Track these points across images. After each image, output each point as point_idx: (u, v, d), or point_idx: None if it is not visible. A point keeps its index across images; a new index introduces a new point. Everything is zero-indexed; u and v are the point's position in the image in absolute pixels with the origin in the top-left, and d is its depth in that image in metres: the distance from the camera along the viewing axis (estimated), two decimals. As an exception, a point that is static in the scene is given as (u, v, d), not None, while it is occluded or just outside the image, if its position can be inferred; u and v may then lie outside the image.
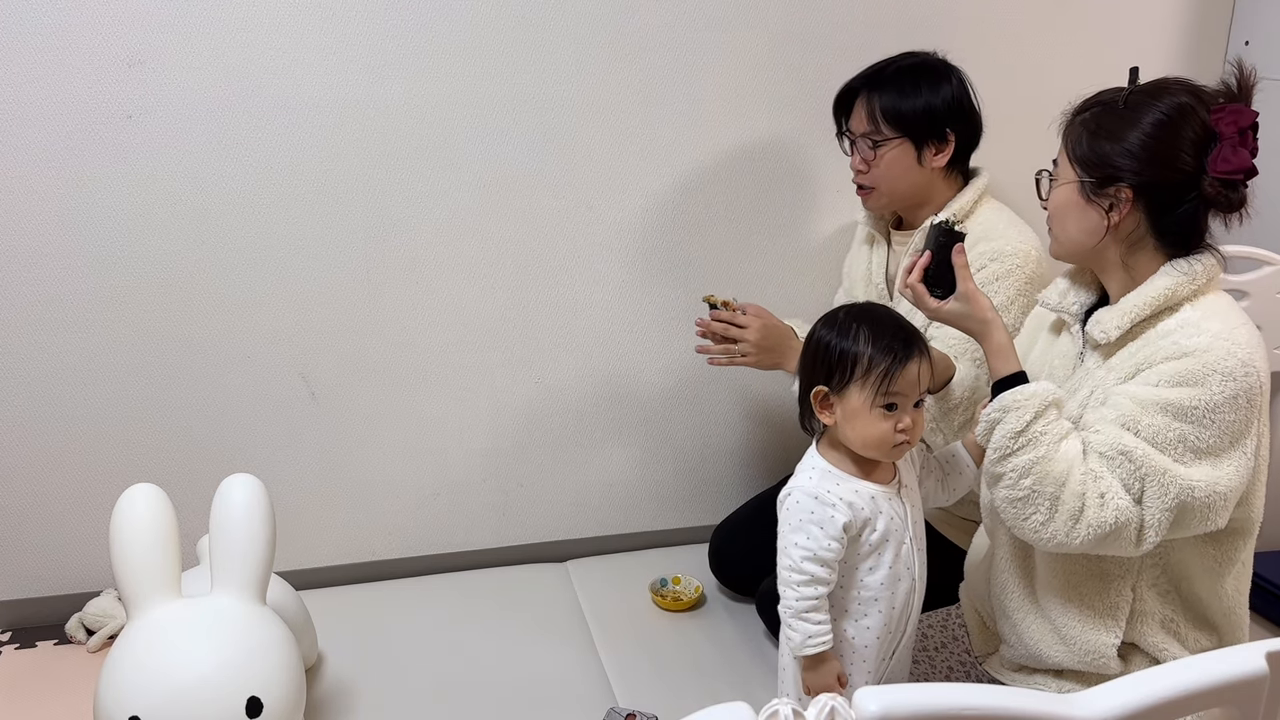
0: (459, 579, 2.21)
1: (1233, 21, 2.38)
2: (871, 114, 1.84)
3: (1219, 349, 1.36)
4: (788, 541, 1.44)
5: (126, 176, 1.91)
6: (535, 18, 2.01)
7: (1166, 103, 1.41)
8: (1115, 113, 1.44)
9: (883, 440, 1.41)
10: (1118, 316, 1.44)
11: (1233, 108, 1.39)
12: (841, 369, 1.41)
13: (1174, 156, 1.40)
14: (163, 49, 1.87)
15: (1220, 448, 1.37)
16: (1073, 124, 1.49)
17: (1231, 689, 0.96)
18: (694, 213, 2.20)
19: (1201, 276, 1.42)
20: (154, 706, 1.39)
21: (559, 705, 1.81)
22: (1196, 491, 1.36)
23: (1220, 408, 1.35)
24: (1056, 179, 1.51)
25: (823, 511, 1.42)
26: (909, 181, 1.86)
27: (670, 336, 2.26)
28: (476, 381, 2.19)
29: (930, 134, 1.83)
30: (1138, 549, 1.40)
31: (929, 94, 1.82)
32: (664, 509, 2.38)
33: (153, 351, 2.01)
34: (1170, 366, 1.38)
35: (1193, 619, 1.51)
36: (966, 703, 0.89)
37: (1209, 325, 1.38)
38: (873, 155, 1.85)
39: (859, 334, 1.41)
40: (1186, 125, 1.40)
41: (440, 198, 2.06)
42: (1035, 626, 1.55)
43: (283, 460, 2.12)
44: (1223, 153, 1.39)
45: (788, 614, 1.44)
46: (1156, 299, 1.41)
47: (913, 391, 1.41)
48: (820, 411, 1.45)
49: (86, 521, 2.04)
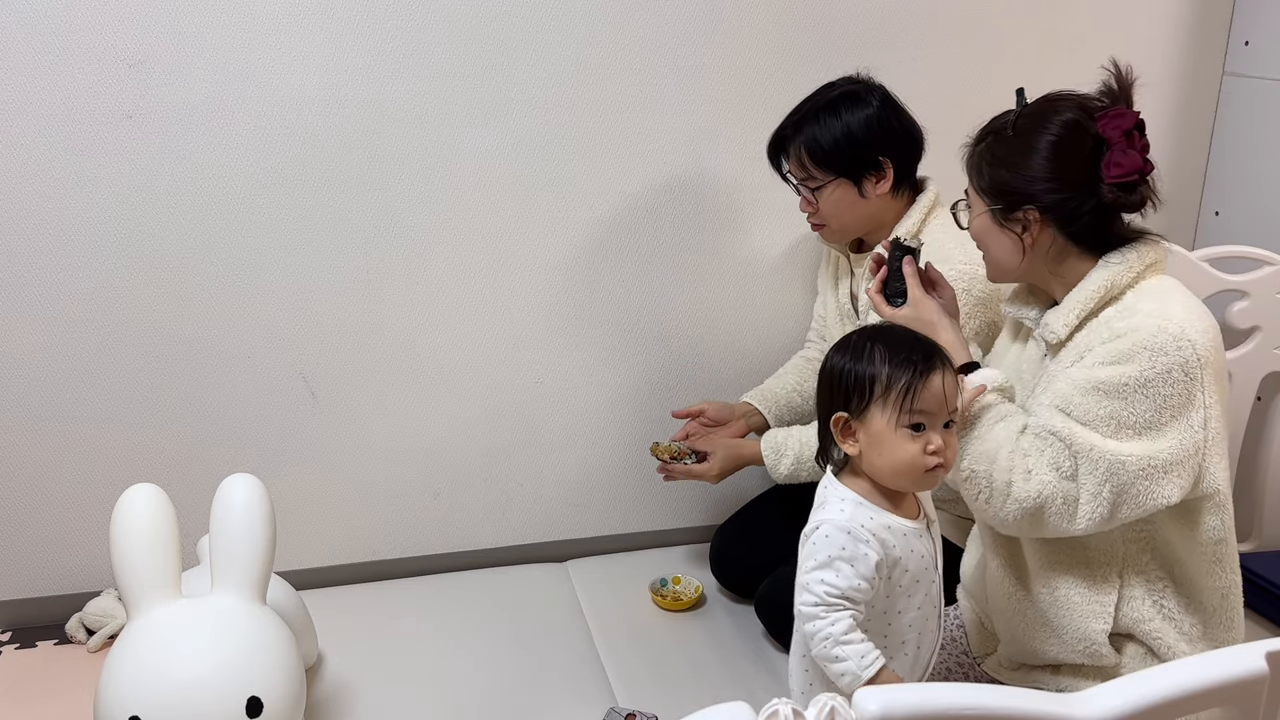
0: (459, 579, 2.21)
1: (1233, 21, 2.38)
2: (800, 160, 1.86)
3: (1148, 326, 1.40)
4: (811, 578, 1.29)
5: (126, 176, 1.91)
6: (535, 18, 2.01)
7: (1055, 123, 1.46)
8: (1007, 140, 1.49)
9: (913, 464, 1.30)
10: (1064, 315, 1.49)
11: (1115, 112, 1.44)
12: (860, 391, 1.32)
13: (1071, 173, 1.45)
14: (163, 49, 1.87)
15: (1157, 422, 1.40)
16: (972, 155, 1.55)
17: (1231, 689, 0.96)
18: (694, 213, 2.20)
19: (1138, 264, 1.46)
20: (154, 706, 1.39)
21: (559, 705, 1.81)
22: (1129, 466, 1.40)
23: (1152, 383, 1.39)
24: (971, 209, 1.57)
25: (855, 548, 1.29)
26: (856, 214, 1.88)
27: (670, 336, 2.26)
28: (476, 381, 2.19)
29: (864, 166, 1.84)
30: (1072, 525, 1.44)
31: (853, 128, 1.82)
32: (664, 509, 2.38)
33: (153, 351, 2.01)
34: (1103, 348, 1.43)
35: (1185, 604, 1.53)
36: (966, 703, 0.89)
37: (1142, 306, 1.43)
38: (813, 198, 1.87)
39: (874, 352, 1.33)
40: (1078, 141, 1.45)
41: (440, 198, 2.06)
42: (1028, 620, 1.58)
43: (283, 460, 2.12)
44: (1113, 158, 1.43)
45: (828, 645, 1.28)
46: (1097, 292, 1.46)
47: (939, 408, 1.31)
48: (843, 440, 1.34)
49: (86, 521, 2.04)
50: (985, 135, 1.54)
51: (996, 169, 1.50)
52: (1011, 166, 1.48)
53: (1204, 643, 1.53)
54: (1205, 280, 2.04)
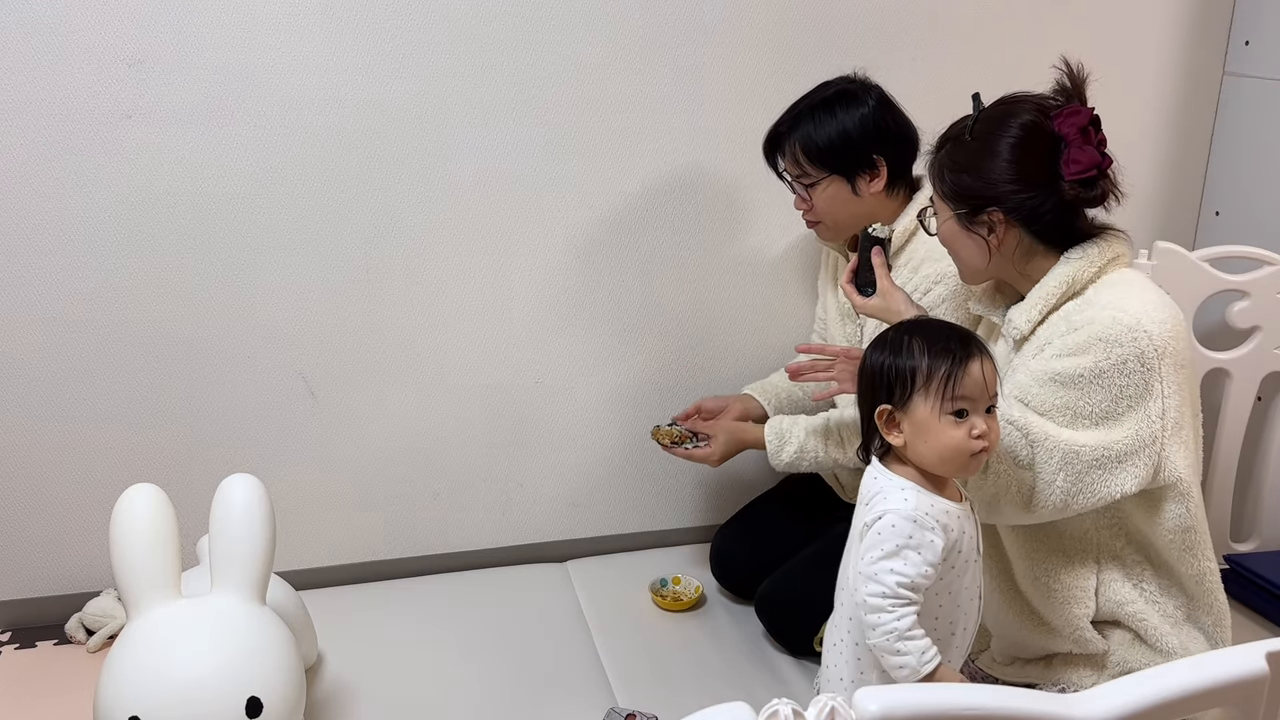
0: (459, 579, 2.21)
1: (1233, 21, 2.38)
2: (795, 157, 1.87)
3: (1103, 318, 1.43)
4: (879, 568, 1.31)
5: (126, 176, 1.91)
6: (535, 18, 2.01)
7: (1013, 125, 1.48)
8: (966, 145, 1.52)
9: (959, 449, 1.33)
10: (1027, 311, 1.52)
11: (1069, 109, 1.46)
12: (902, 383, 1.35)
13: (1031, 173, 1.47)
14: (163, 49, 1.87)
15: (1114, 412, 1.43)
16: (934, 162, 1.57)
17: (1231, 689, 0.96)
18: (694, 213, 2.20)
19: (1099, 258, 1.49)
20: (154, 706, 1.39)
21: (559, 705, 1.81)
22: (1083, 455, 1.43)
23: (1107, 373, 1.42)
24: (938, 215, 1.59)
25: (921, 536, 1.31)
26: (850, 212, 1.88)
27: (670, 337, 2.26)
28: (476, 381, 2.19)
29: (858, 165, 1.84)
30: (1028, 513, 1.47)
31: (847, 127, 1.82)
32: (664, 509, 2.38)
33: (152, 351, 2.01)
34: (1061, 340, 1.46)
35: (1166, 585, 1.55)
36: (966, 703, 0.89)
37: (1100, 298, 1.46)
38: (808, 195, 1.88)
39: (912, 345, 1.36)
40: (1036, 141, 1.47)
41: (440, 197, 2.06)
42: (1015, 611, 1.60)
43: (283, 460, 2.12)
44: (1071, 155, 1.45)
45: (892, 639, 1.30)
46: (1058, 287, 1.49)
47: (980, 394, 1.34)
48: (888, 432, 1.37)
49: (86, 521, 2.04)
50: (944, 142, 1.56)
51: (958, 174, 1.52)
52: (973, 171, 1.50)
53: (1189, 625, 1.55)
54: (1205, 280, 2.04)
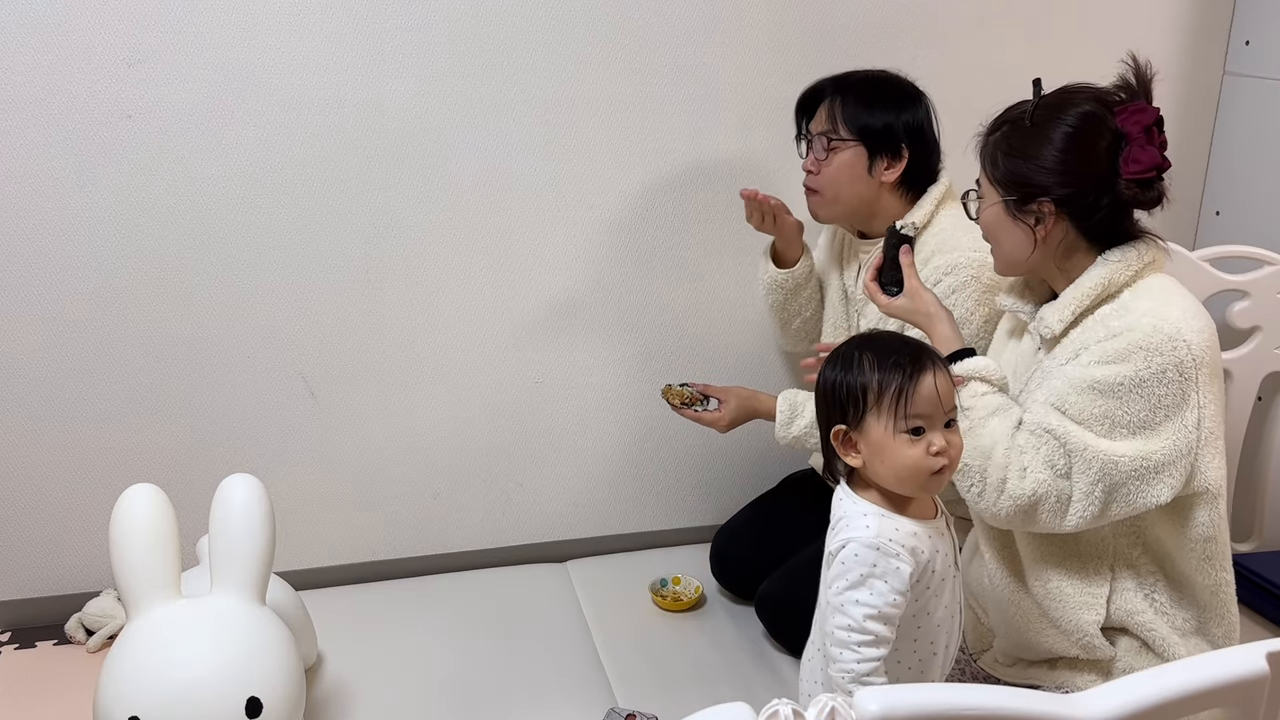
0: (459, 579, 2.21)
1: (1233, 21, 2.38)
2: (833, 114, 1.84)
3: (1144, 326, 1.40)
4: (845, 599, 1.27)
5: (126, 176, 1.91)
6: (535, 18, 2.01)
7: (1073, 115, 1.44)
8: (1024, 130, 1.47)
9: (917, 469, 1.28)
10: (1059, 310, 1.49)
11: (1135, 107, 1.43)
12: (854, 401, 1.30)
13: (1088, 166, 1.44)
14: (163, 49, 1.87)
15: (1151, 422, 1.41)
16: (986, 144, 1.53)
17: (1231, 689, 0.96)
18: (694, 213, 2.20)
19: (1136, 262, 1.46)
20: (154, 706, 1.39)
21: (559, 705, 1.81)
22: (1122, 465, 1.41)
23: (1147, 382, 1.39)
24: (982, 199, 1.55)
25: (886, 564, 1.27)
26: (855, 190, 1.85)
27: (670, 336, 2.26)
28: (476, 381, 2.19)
29: (885, 146, 1.83)
30: (1063, 523, 1.45)
31: (894, 108, 1.83)
32: (664, 509, 2.38)
33: (152, 351, 2.01)
34: (1099, 347, 1.43)
35: (1178, 598, 1.54)
36: (966, 703, 0.89)
37: (1138, 305, 1.43)
38: (824, 155, 1.84)
39: (862, 361, 1.31)
40: (1096, 134, 1.44)
41: (440, 197, 2.06)
42: (1023, 612, 1.59)
43: (283, 460, 2.12)
44: (1132, 153, 1.42)
45: (846, 679, 1.27)
46: (1094, 289, 1.46)
47: (935, 409, 1.28)
48: (845, 453, 1.33)
49: (86, 521, 2.04)
50: (1001, 124, 1.51)
51: (1012, 159, 1.48)
52: (1028, 157, 1.46)
53: (1198, 637, 1.54)
54: (1205, 280, 2.04)
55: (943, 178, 1.89)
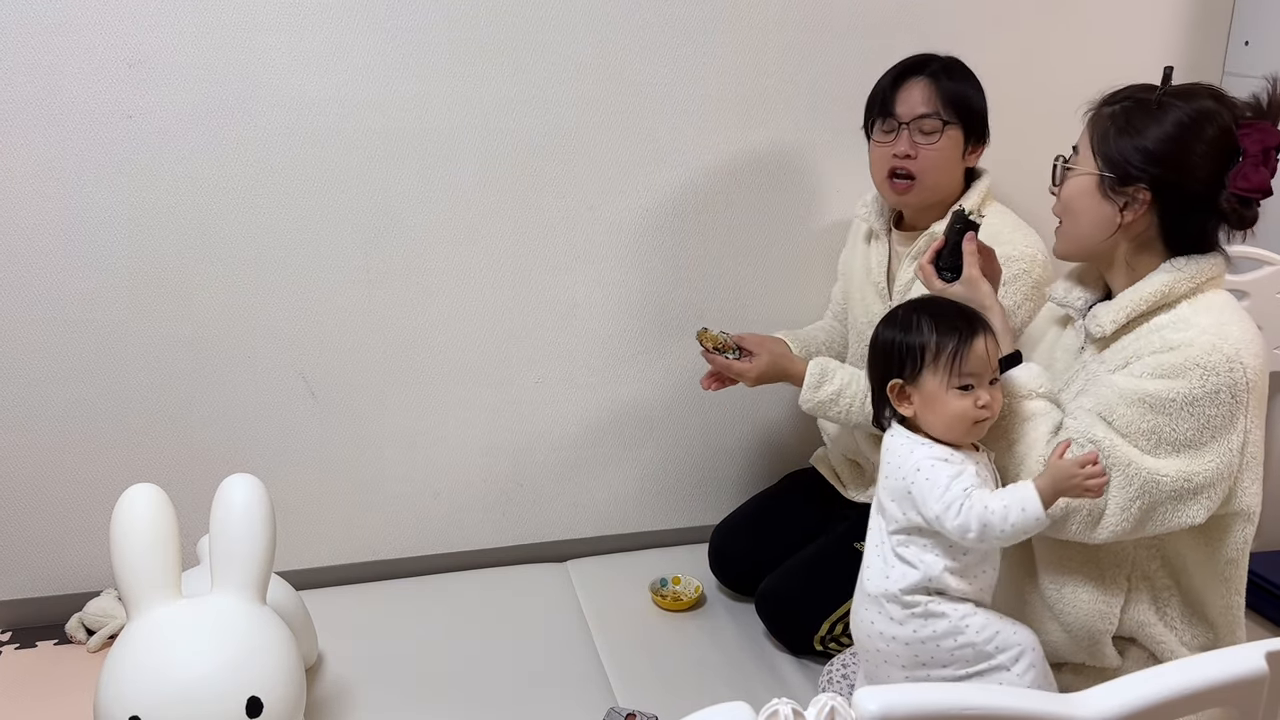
0: (459, 579, 2.21)
1: (1233, 21, 2.38)
2: (934, 94, 1.81)
3: (1203, 343, 1.37)
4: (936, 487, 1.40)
5: (127, 177, 1.91)
6: (535, 17, 2.01)
7: (1198, 112, 1.40)
8: (1146, 110, 1.43)
9: (964, 416, 1.43)
10: (1114, 311, 1.45)
11: (1260, 125, 1.40)
12: (912, 359, 1.45)
13: (1197, 167, 1.40)
14: (162, 49, 1.86)
15: (1198, 441, 1.38)
16: (1100, 115, 1.48)
17: (1231, 689, 0.96)
18: (694, 212, 2.20)
19: (1201, 276, 1.42)
20: (154, 706, 1.39)
21: (559, 705, 1.81)
22: (1163, 484, 1.38)
23: (1199, 401, 1.36)
24: (1074, 167, 1.49)
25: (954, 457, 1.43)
26: (949, 174, 1.84)
27: (670, 336, 2.26)
28: (476, 381, 2.19)
29: (978, 132, 1.84)
30: (1093, 535, 1.43)
31: (978, 91, 1.84)
32: (664, 509, 2.38)
33: (153, 351, 2.01)
34: (1154, 359, 1.39)
35: (1189, 614, 1.52)
36: (966, 702, 0.89)
37: (1198, 320, 1.40)
38: (932, 139, 1.80)
39: (921, 323, 1.46)
40: (1214, 139, 1.40)
41: (440, 198, 2.06)
42: (1034, 613, 1.57)
43: (283, 460, 2.12)
44: (1244, 170, 1.39)
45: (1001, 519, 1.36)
46: (1153, 295, 1.42)
47: (984, 369, 1.44)
48: (899, 404, 1.48)
49: (86, 521, 2.04)
50: (1122, 99, 1.46)
51: (1124, 137, 1.43)
52: (1140, 135, 1.42)
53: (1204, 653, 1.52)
54: (1205, 280, 2.03)
55: (986, 173, 1.89)
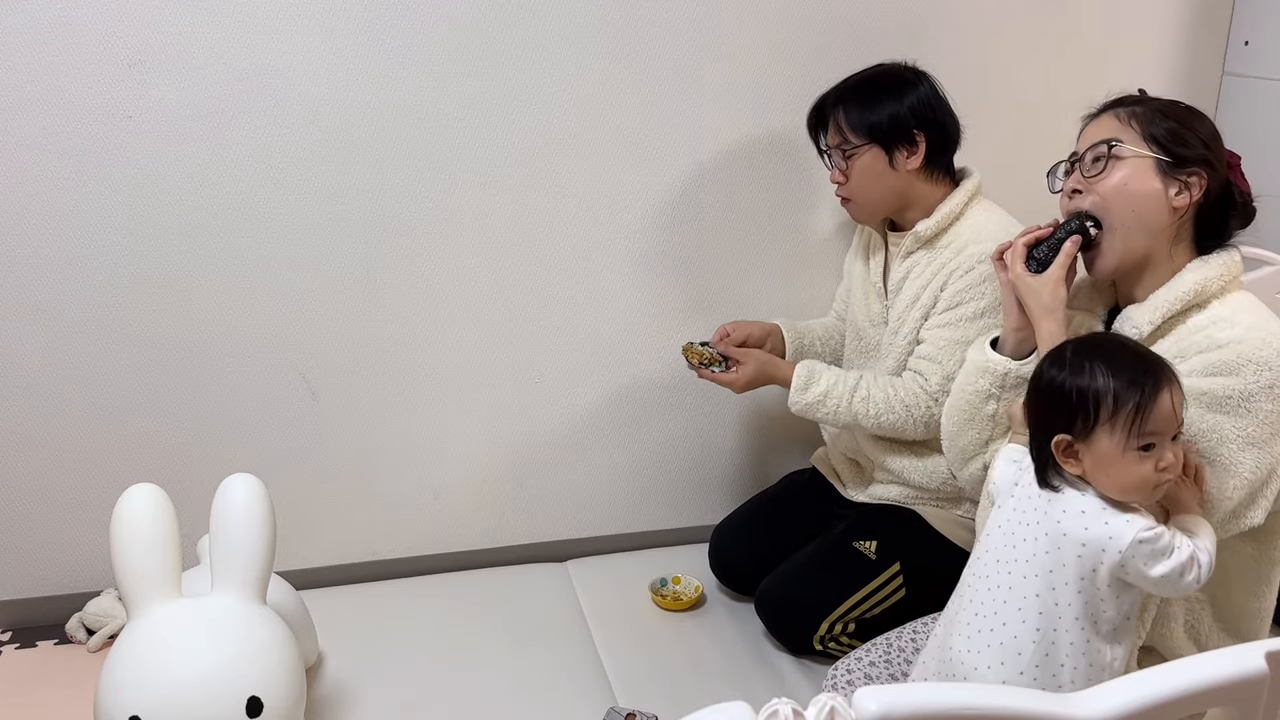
0: (459, 579, 2.21)
1: (1232, 22, 2.38)
2: (838, 125, 1.89)
3: (1253, 339, 1.37)
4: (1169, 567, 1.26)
5: (126, 176, 1.91)
6: (535, 18, 2.01)
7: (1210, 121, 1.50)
8: (1177, 105, 1.49)
9: (1144, 483, 1.27)
10: (1149, 312, 1.46)
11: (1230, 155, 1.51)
12: (1084, 413, 1.27)
13: (1221, 157, 1.48)
14: (163, 49, 1.86)
15: (1256, 438, 1.38)
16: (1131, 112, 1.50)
17: (1231, 689, 0.96)
18: (694, 212, 2.20)
19: (1228, 273, 1.46)
20: (154, 706, 1.39)
21: (559, 705, 1.81)
22: None
23: (1255, 396, 1.36)
24: (1115, 157, 1.48)
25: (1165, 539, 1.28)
26: (884, 186, 1.88)
27: (670, 336, 2.25)
28: (476, 381, 2.19)
29: (898, 138, 1.85)
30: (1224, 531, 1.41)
31: (893, 100, 1.85)
32: (664, 509, 2.38)
33: (153, 351, 2.01)
34: (1202, 358, 1.39)
35: (1219, 627, 1.51)
36: (966, 703, 0.89)
37: (1242, 319, 1.41)
38: (845, 165, 1.89)
39: (1095, 370, 1.27)
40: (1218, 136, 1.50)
41: (440, 198, 2.06)
42: None
43: (283, 460, 2.12)
44: (1238, 174, 1.51)
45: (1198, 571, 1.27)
46: (1186, 294, 1.44)
47: (1169, 426, 1.26)
48: (1065, 461, 1.30)
49: (86, 521, 2.04)
50: (1148, 99, 1.52)
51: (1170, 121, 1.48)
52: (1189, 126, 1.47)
53: None
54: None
55: (974, 175, 1.92)
